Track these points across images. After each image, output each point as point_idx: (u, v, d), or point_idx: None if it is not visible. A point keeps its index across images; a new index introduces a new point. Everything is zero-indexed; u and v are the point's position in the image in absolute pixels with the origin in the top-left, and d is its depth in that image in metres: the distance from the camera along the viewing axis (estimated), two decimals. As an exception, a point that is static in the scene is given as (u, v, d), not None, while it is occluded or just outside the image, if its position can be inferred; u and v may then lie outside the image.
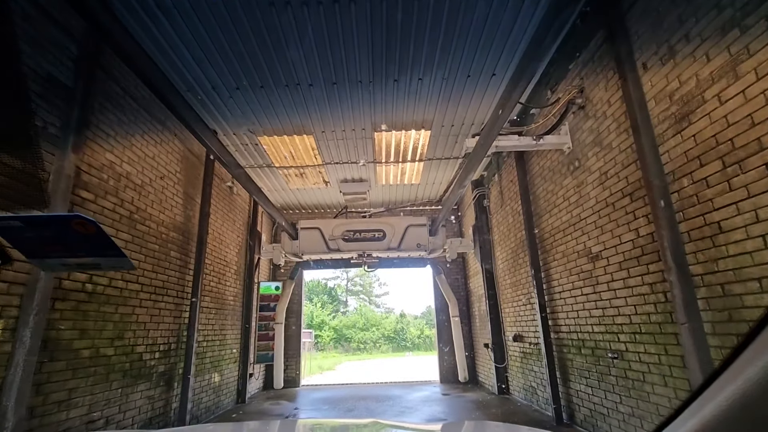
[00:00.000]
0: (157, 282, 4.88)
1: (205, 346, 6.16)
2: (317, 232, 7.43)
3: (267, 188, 8.75)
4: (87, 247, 1.17)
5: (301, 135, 6.53)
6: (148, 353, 4.62)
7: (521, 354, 6.64)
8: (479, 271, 8.53)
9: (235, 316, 7.42)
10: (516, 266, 6.74)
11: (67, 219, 1.07)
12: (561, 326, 5.17)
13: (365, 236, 7.38)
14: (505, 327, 7.37)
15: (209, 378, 6.23)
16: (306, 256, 7.65)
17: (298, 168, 7.76)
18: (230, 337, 7.17)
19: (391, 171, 8.11)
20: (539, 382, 5.92)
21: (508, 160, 6.95)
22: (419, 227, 7.52)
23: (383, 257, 7.81)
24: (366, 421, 2.08)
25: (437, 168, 8.04)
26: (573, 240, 4.77)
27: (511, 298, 7.01)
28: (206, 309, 6.20)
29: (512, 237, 6.87)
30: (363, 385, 10.02)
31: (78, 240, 1.13)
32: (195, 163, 6.07)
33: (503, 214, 7.29)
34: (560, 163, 5.05)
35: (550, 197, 5.34)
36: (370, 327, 39.45)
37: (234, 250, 7.49)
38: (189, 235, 5.72)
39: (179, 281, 5.38)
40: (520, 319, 6.62)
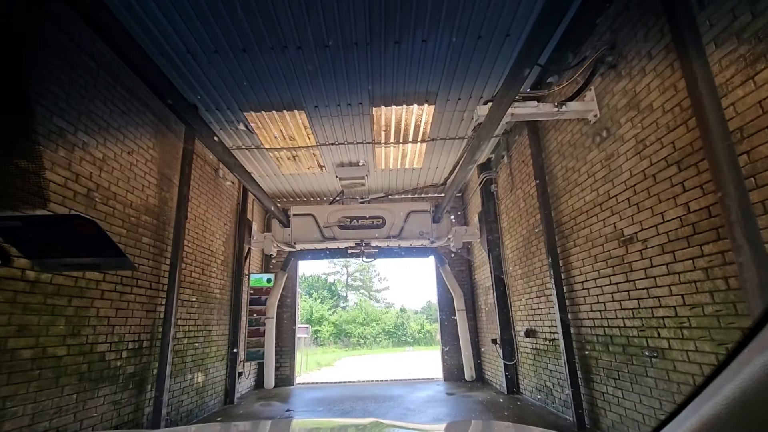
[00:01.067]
0: (124, 271, 4.28)
1: (186, 343, 5.57)
2: (311, 219, 6.83)
3: (258, 173, 8.13)
4: (86, 247, 1.15)
5: (292, 111, 5.90)
6: (113, 352, 4.03)
7: (534, 351, 6.06)
8: (486, 262, 7.94)
9: (222, 311, 6.84)
10: (528, 255, 6.14)
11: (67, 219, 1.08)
12: (583, 320, 4.58)
13: (363, 223, 6.78)
14: (515, 321, 6.79)
15: (191, 378, 5.66)
16: (299, 245, 7.05)
17: (290, 150, 7.14)
18: (216, 333, 6.59)
19: (391, 153, 7.49)
20: (556, 381, 5.35)
21: (519, 138, 6.33)
22: (422, 213, 6.91)
23: (383, 246, 7.21)
24: (366, 421, 1.96)
25: (441, 150, 7.42)
26: (599, 222, 4.17)
27: (522, 289, 6.42)
28: (187, 302, 5.61)
29: (524, 223, 6.27)
30: (362, 383, 9.46)
31: (77, 240, 1.11)
32: (172, 140, 5.45)
33: (513, 199, 6.68)
34: (584, 135, 4.43)
35: (571, 175, 4.73)
36: (370, 322, 39.02)
37: (221, 239, 6.89)
38: (165, 220, 5.11)
39: (153, 271, 4.79)
40: (533, 313, 6.03)
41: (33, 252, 1.19)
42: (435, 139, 7.00)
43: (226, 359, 6.93)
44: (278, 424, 2.29)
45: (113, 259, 1.29)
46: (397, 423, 2.09)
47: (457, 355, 8.70)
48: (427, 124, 6.45)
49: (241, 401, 7.06)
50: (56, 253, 1.21)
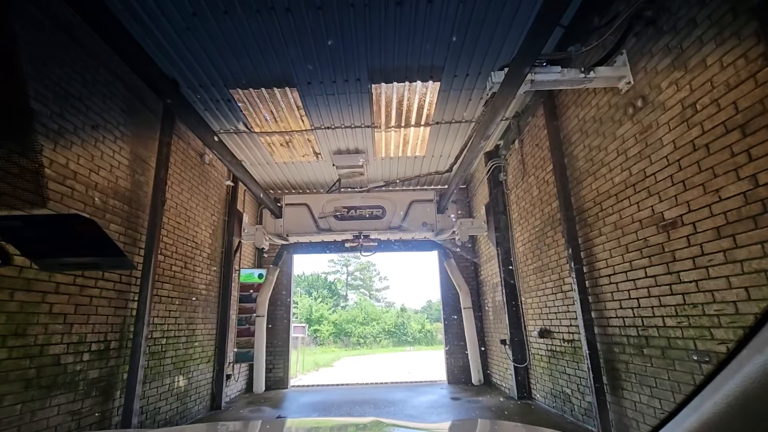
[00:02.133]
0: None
1: (165, 344, 5.04)
2: (305, 209, 6.28)
3: (249, 162, 7.58)
4: (86, 247, 1.14)
5: (283, 88, 5.36)
6: (71, 355, 3.49)
7: (549, 352, 5.52)
8: (493, 256, 7.39)
9: (208, 308, 6.30)
10: (542, 247, 5.59)
11: (67, 219, 1.10)
12: (610, 318, 4.04)
13: (361, 214, 6.24)
14: (527, 320, 6.24)
15: (171, 382, 5.12)
16: (292, 237, 6.51)
17: (282, 135, 6.59)
18: (201, 333, 6.05)
19: (392, 139, 6.94)
20: (575, 387, 4.81)
21: (532, 120, 5.78)
22: (425, 203, 6.37)
23: (383, 239, 6.66)
24: (366, 420, 1.98)
25: (446, 136, 6.87)
26: (632, 206, 3.62)
27: (535, 285, 5.87)
28: (166, 298, 5.07)
29: (537, 213, 5.72)
30: (361, 386, 8.92)
31: (77, 239, 1.11)
32: (149, 118, 4.91)
33: (525, 187, 6.13)
34: (612, 108, 3.88)
35: (596, 155, 4.18)
36: (370, 321, 38.56)
37: (207, 230, 6.35)
38: (138, 206, 4.57)
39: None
40: (548, 311, 5.49)
41: (33, 251, 1.17)
42: (440, 123, 6.45)
43: (213, 361, 6.39)
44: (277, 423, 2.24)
45: (112, 259, 1.35)
46: (398, 422, 2.07)
47: (461, 356, 8.16)
48: (431, 104, 5.90)
49: (230, 406, 6.52)
50: (56, 253, 1.20)
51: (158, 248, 4.66)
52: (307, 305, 38.31)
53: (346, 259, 54.83)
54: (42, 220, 1.18)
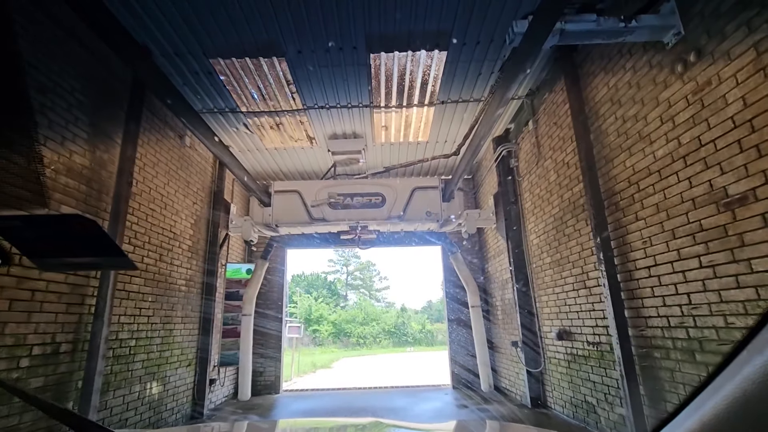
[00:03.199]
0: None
1: (135, 346, 4.43)
2: (296, 197, 5.68)
3: (237, 147, 6.97)
4: (87, 247, 1.13)
5: (270, 57, 4.75)
6: (4, 361, 2.89)
7: (569, 356, 4.91)
8: (503, 251, 6.79)
9: (189, 306, 5.69)
10: (560, 238, 4.99)
11: (67, 219, 1.09)
12: (650, 318, 3.43)
13: (358, 202, 5.63)
14: (542, 320, 5.63)
15: (141, 389, 4.52)
16: (283, 228, 5.90)
17: (272, 115, 5.99)
18: (181, 333, 5.45)
19: (393, 122, 6.33)
20: (602, 397, 4.20)
21: (549, 96, 5.17)
22: (429, 190, 5.76)
23: (382, 231, 6.06)
24: (366, 420, 1.83)
25: (451, 117, 6.25)
26: (682, 182, 3.01)
27: (552, 281, 5.26)
28: (136, 294, 4.47)
29: (555, 200, 5.11)
30: (359, 390, 8.32)
31: (78, 239, 1.10)
32: (115, 88, 4.31)
33: (540, 173, 5.52)
34: (655, 67, 3.27)
35: (631, 127, 3.58)
36: (370, 321, 38.02)
37: (188, 220, 5.75)
38: (101, 187, 3.97)
39: (80, 252, 3.64)
40: (567, 310, 4.88)
41: (33, 251, 1.14)
42: (445, 102, 5.84)
43: (195, 364, 5.78)
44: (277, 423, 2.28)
45: (113, 259, 1.28)
46: (398, 422, 1.99)
47: (468, 359, 7.55)
48: (436, 80, 5.29)
49: (213, 414, 5.92)
50: (56, 253, 1.18)
51: (124, 237, 4.05)
52: (307, 305, 37.76)
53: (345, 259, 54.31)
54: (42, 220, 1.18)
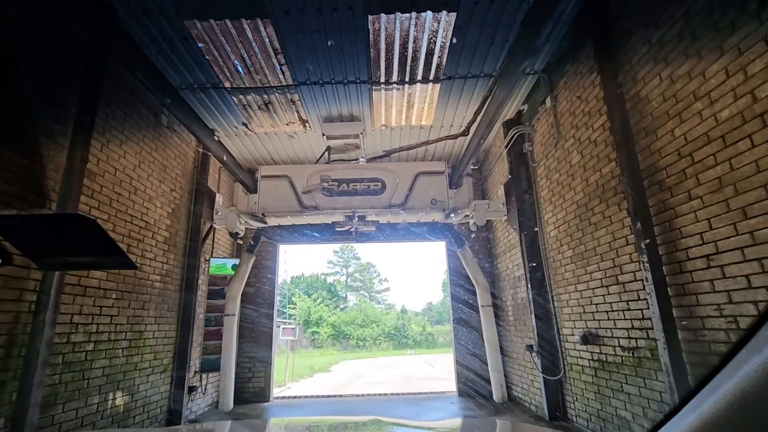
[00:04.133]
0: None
1: (93, 351, 3.81)
2: (285, 183, 5.07)
3: (223, 132, 6.36)
4: (86, 246, 1.15)
5: (254, 19, 4.15)
6: None
7: (596, 363, 4.28)
8: (515, 245, 6.17)
9: (165, 305, 5.07)
10: (585, 228, 4.37)
11: (67, 219, 1.17)
12: (708, 317, 2.80)
13: (355, 188, 5.02)
14: (561, 321, 5.00)
15: (102, 401, 3.89)
16: (270, 218, 5.28)
17: (260, 93, 5.38)
18: (154, 336, 4.82)
19: (394, 101, 5.72)
20: (639, 411, 3.57)
21: (572, 67, 4.56)
22: (434, 176, 5.15)
23: (382, 222, 5.44)
24: (366, 418, 1.92)
25: (458, 97, 5.64)
26: (759, 146, 2.39)
27: (574, 277, 4.64)
28: (95, 290, 3.85)
29: (578, 184, 4.50)
30: (357, 398, 7.68)
31: (77, 239, 1.11)
32: (70, 48, 3.69)
33: (559, 156, 4.91)
34: (718, 9, 2.66)
35: (683, 87, 2.96)
36: (369, 323, 37.41)
37: (164, 208, 5.13)
38: (52, 164, 3.35)
39: (17, 237, 3.02)
40: (594, 310, 4.26)
41: (33, 251, 1.15)
42: (452, 78, 5.23)
43: (171, 370, 5.16)
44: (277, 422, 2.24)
45: (113, 258, 1.34)
46: (398, 420, 1.90)
47: (476, 364, 6.92)
48: (443, 49, 4.69)
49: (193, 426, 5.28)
50: (56, 252, 1.18)
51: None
52: (306, 307, 37.17)
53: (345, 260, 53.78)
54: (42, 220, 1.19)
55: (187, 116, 5.20)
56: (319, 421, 2.15)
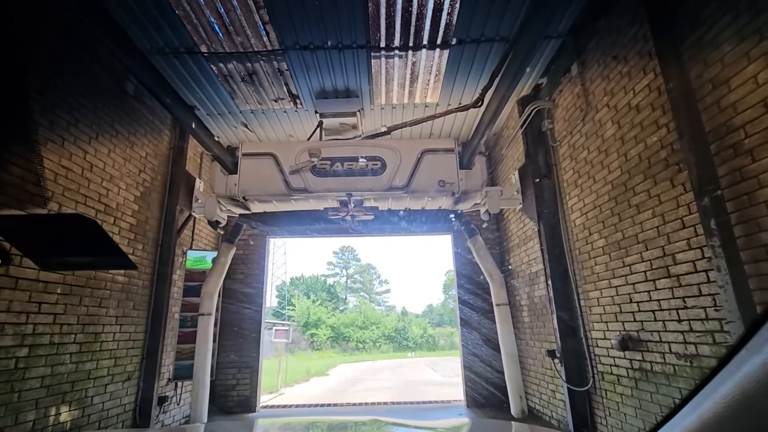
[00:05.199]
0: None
1: (26, 357, 3.12)
2: (270, 162, 4.39)
3: (204, 111, 5.67)
4: (86, 246, 1.14)
5: (229, -39, 3.48)
6: None
7: (637, 373, 3.57)
8: (531, 237, 5.47)
9: (130, 303, 4.38)
10: (624, 211, 3.68)
11: (67, 219, 1.21)
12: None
13: (351, 168, 4.33)
14: (590, 323, 4.30)
15: (39, 417, 3.20)
16: (253, 202, 4.59)
17: (242, 60, 4.70)
18: (115, 338, 4.14)
19: (396, 72, 5.05)
20: (702, 436, 2.85)
21: (605, 23, 3.87)
22: (442, 154, 4.47)
23: (381, 209, 4.75)
24: (365, 418, 2.04)
25: (469, 67, 4.95)
26: None
27: (608, 271, 3.95)
28: (29, 283, 3.15)
29: (614, 161, 3.81)
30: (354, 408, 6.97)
31: (77, 239, 1.10)
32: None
33: (588, 130, 4.22)
34: None
35: (772, 17, 2.27)
36: (369, 325, 36.72)
37: (130, 191, 4.45)
38: (-37, 121, 2.67)
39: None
40: (635, 309, 3.56)
41: (33, 251, 1.14)
42: (463, 42, 4.55)
43: (137, 378, 4.46)
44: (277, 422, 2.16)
45: (113, 258, 1.37)
46: (397, 420, 1.85)
47: (486, 371, 6.22)
48: (453, 5, 4.01)
49: (163, 443, 4.58)
50: (56, 252, 1.18)
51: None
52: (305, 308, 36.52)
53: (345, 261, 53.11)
54: (42, 220, 1.25)
55: (160, 87, 4.51)
56: (318, 421, 2.16)
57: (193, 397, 4.09)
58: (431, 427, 1.82)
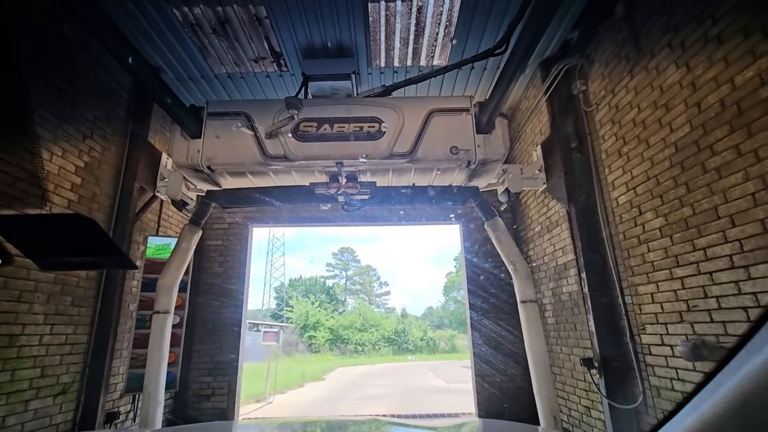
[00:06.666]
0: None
1: None
2: (243, 122, 3.53)
3: (173, 74, 4.84)
4: (86, 246, 1.14)
5: None
6: None
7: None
8: (559, 222, 4.63)
9: (67, 297, 3.53)
10: (695, 179, 2.82)
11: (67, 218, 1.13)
12: None
13: (342, 131, 3.48)
14: (642, 325, 3.44)
15: None
16: (222, 175, 3.73)
17: (209, 2, 3.86)
18: (42, 341, 3.28)
19: (398, 24, 4.21)
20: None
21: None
22: (455, 115, 3.61)
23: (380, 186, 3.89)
24: (365, 418, 1.86)
25: (483, 20, 4.11)
26: None
27: (669, 258, 3.09)
28: None
29: (679, 116, 2.96)
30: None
31: (77, 239, 1.11)
32: None
33: (639, 83, 3.37)
34: None
35: None
36: (369, 328, 35.88)
37: (69, 159, 3.60)
38: None
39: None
40: (712, 306, 2.70)
41: (33, 251, 1.13)
42: (481, -21, 3.70)
43: (78, 391, 3.60)
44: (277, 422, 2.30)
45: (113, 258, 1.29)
46: (396, 420, 2.03)
47: (502, 380, 5.36)
48: None
49: (109, 471, 3.72)
50: (56, 252, 1.19)
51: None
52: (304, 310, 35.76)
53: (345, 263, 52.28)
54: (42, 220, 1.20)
55: (111, 36, 3.67)
56: (318, 420, 2.27)
57: (142, 411, 3.24)
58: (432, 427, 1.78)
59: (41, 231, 1.09)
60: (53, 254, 1.19)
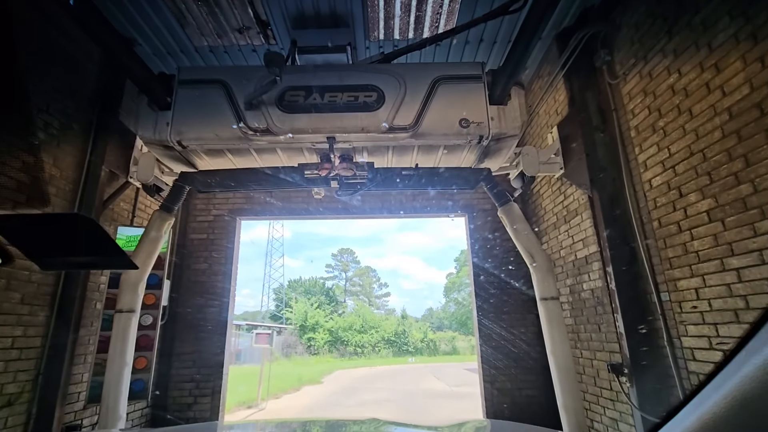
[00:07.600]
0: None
1: None
2: (219, 92, 3.06)
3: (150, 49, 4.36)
4: (86, 246, 1.13)
5: None
6: None
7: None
8: (579, 210, 4.15)
9: (15, 294, 3.05)
10: (753, 152, 2.34)
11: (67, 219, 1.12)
12: None
13: (334, 101, 3.01)
14: (683, 326, 2.95)
15: None
16: (198, 154, 3.25)
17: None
18: (-18, 346, 2.79)
19: (398, -14, 3.73)
20: None
21: None
22: (465, 84, 3.13)
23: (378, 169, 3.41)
24: (364, 418, 1.92)
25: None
26: None
27: (718, 247, 2.61)
28: None
29: (729, 79, 2.48)
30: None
31: (77, 238, 1.10)
32: None
33: (678, 45, 2.90)
34: None
35: None
36: (368, 329, 35.40)
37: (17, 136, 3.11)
38: None
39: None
40: (781, 303, 2.21)
41: (34, 251, 1.13)
42: (493, -70, 3.23)
43: (29, 402, 3.11)
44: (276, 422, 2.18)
45: (113, 258, 1.27)
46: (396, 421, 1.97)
47: (513, 385, 4.87)
48: None
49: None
50: (57, 252, 1.17)
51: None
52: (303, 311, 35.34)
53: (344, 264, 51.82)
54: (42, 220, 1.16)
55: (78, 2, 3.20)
56: (317, 420, 2.23)
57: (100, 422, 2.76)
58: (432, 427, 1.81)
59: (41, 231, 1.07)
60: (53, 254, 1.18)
